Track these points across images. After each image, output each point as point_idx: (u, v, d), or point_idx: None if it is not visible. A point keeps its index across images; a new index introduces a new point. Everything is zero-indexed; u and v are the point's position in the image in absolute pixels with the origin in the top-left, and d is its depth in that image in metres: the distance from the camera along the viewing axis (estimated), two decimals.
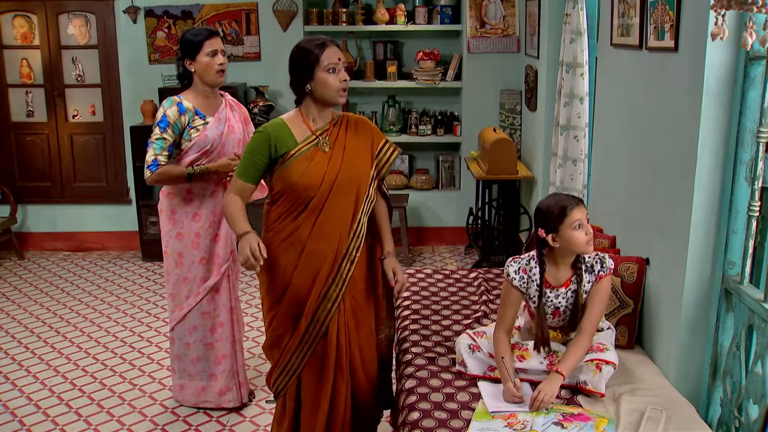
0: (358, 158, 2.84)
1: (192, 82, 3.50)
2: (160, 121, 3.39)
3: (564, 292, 2.69)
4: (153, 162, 3.39)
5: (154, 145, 3.39)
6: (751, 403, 2.41)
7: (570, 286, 2.68)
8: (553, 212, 2.60)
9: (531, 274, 2.70)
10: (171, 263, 3.62)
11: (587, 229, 2.59)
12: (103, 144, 6.41)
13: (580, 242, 2.58)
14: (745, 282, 2.51)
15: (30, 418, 3.71)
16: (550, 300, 2.69)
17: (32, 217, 6.52)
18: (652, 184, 2.98)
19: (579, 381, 2.61)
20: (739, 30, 2.40)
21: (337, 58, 2.74)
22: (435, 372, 2.82)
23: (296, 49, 2.78)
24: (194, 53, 3.41)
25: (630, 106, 3.28)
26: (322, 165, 2.77)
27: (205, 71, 3.42)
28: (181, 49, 3.45)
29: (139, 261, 6.19)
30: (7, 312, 5.12)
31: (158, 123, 3.40)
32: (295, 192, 2.77)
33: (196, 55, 3.41)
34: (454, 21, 6.25)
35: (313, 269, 2.80)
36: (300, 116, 2.84)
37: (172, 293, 3.65)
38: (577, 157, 4.27)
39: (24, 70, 6.32)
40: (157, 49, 6.22)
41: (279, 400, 3.05)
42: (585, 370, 2.59)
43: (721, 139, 2.52)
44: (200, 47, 3.39)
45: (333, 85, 2.73)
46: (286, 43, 6.17)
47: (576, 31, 4.16)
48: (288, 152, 2.76)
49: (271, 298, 2.90)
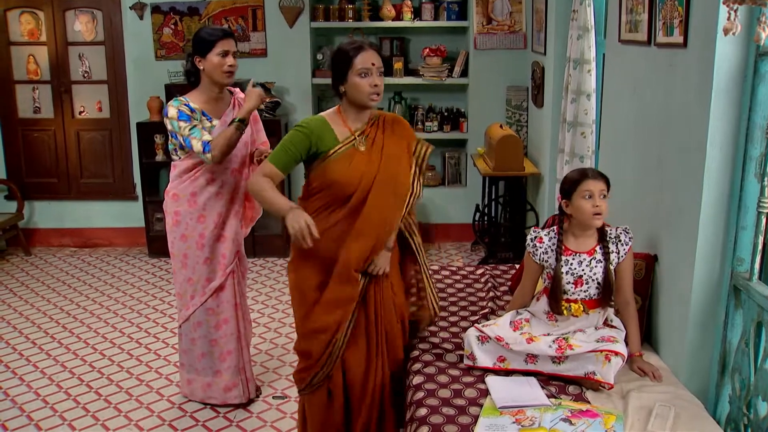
0: (395, 157, 2.89)
1: (199, 81, 3.49)
2: (179, 117, 3.38)
3: (588, 260, 2.73)
4: (205, 145, 3.34)
5: (193, 133, 3.36)
6: (760, 400, 2.41)
7: (594, 255, 2.73)
8: (571, 178, 2.73)
9: (549, 242, 2.79)
10: (177, 264, 3.62)
11: (596, 202, 2.65)
12: (109, 140, 6.42)
13: (586, 211, 2.67)
14: (755, 279, 2.50)
15: (38, 413, 3.72)
16: (571, 266, 2.73)
17: (39, 213, 6.54)
18: (661, 180, 2.97)
19: (587, 372, 2.60)
20: (749, 25, 2.39)
21: (371, 63, 2.79)
22: (443, 368, 2.82)
23: (335, 51, 2.88)
24: (205, 51, 3.40)
25: (638, 103, 3.27)
26: (361, 164, 2.83)
27: (213, 70, 3.42)
28: (192, 46, 3.45)
29: (146, 257, 6.20)
30: (14, 308, 5.13)
31: (179, 119, 3.38)
32: (334, 189, 2.83)
33: (207, 53, 3.40)
34: (461, 17, 6.24)
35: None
36: (339, 115, 2.90)
37: (179, 293, 3.66)
38: (584, 154, 4.26)
39: (31, 67, 6.33)
40: (164, 46, 6.22)
41: (306, 397, 3.05)
42: (594, 360, 2.59)
43: (730, 136, 2.51)
44: (212, 46, 3.39)
45: (364, 89, 2.79)
46: (293, 39, 6.19)
47: (583, 28, 4.15)
48: (329, 150, 2.82)
49: (306, 290, 2.94)
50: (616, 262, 2.77)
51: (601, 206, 2.68)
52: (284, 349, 4.40)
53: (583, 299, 2.76)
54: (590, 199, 2.66)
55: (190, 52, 3.46)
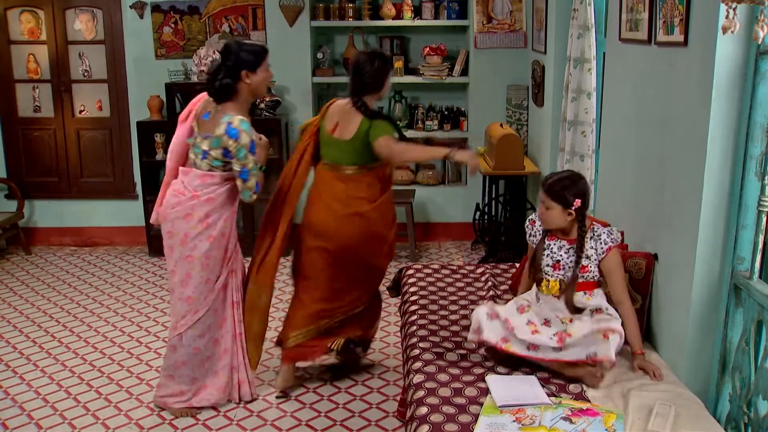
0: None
1: (235, 94, 3.49)
2: (251, 149, 3.41)
3: (567, 247, 2.91)
4: (258, 186, 3.50)
5: (254, 171, 3.45)
6: (761, 399, 2.41)
7: (573, 245, 2.90)
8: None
9: (539, 225, 3.02)
10: (196, 266, 3.52)
11: (541, 209, 2.92)
12: (109, 139, 6.42)
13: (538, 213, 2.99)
14: (755, 277, 2.50)
15: (38, 412, 3.72)
16: (551, 250, 2.94)
17: (39, 212, 6.54)
18: (661, 179, 2.97)
19: (589, 354, 2.64)
20: (749, 24, 2.39)
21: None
22: (443, 367, 2.82)
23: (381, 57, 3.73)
24: (255, 66, 3.48)
25: (638, 102, 3.27)
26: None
27: (260, 84, 3.55)
28: (239, 61, 3.45)
29: (146, 256, 6.20)
30: (15, 306, 5.13)
31: (251, 150, 3.41)
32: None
33: (257, 68, 3.48)
34: (461, 16, 6.24)
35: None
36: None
37: (191, 297, 3.54)
38: (584, 153, 4.26)
39: (31, 66, 6.33)
40: (164, 45, 6.22)
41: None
42: (593, 341, 2.64)
43: (730, 134, 2.51)
44: (262, 61, 3.51)
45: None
46: (293, 38, 6.18)
47: (584, 27, 4.15)
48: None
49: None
50: (595, 258, 2.86)
51: (542, 214, 2.93)
52: None
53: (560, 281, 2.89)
54: (541, 204, 2.92)
55: (233, 66, 3.45)
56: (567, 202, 2.84)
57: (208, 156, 3.46)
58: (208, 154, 3.46)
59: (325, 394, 3.86)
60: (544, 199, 2.90)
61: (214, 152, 3.44)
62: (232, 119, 3.39)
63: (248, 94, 3.53)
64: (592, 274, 2.87)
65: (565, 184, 2.86)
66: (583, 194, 2.87)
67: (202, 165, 3.50)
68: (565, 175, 2.95)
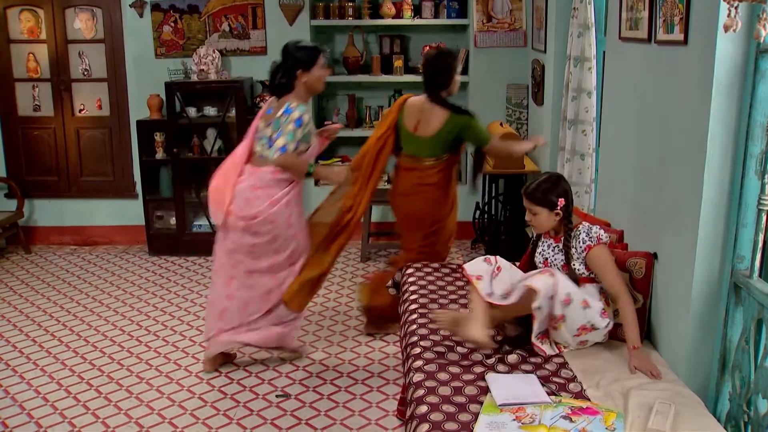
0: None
1: (293, 90, 3.84)
2: (297, 120, 3.76)
3: (554, 246, 3.02)
4: (282, 147, 3.77)
5: (288, 135, 3.76)
6: (760, 397, 2.41)
7: (559, 244, 3.01)
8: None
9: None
10: (299, 240, 3.98)
11: (528, 216, 3.01)
12: (109, 138, 6.41)
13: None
14: (755, 276, 2.50)
15: (38, 411, 3.73)
16: (543, 248, 3.07)
17: (39, 211, 6.54)
18: (661, 178, 2.97)
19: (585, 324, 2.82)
20: (749, 23, 2.39)
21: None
22: (443, 365, 2.82)
23: (448, 54, 4.10)
24: (311, 64, 3.83)
25: (638, 100, 3.26)
26: None
27: (316, 82, 3.89)
28: (296, 60, 3.82)
29: (146, 255, 6.20)
30: (15, 306, 5.14)
31: (295, 121, 3.75)
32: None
33: (312, 67, 3.83)
34: (461, 15, 6.24)
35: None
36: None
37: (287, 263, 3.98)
38: (585, 152, 4.27)
39: (31, 65, 6.32)
40: (164, 44, 6.22)
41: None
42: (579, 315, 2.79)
43: (730, 133, 2.51)
44: (317, 59, 3.85)
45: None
46: (292, 37, 6.11)
47: (584, 25, 4.15)
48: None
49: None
50: (577, 257, 2.93)
51: (530, 220, 3.02)
52: None
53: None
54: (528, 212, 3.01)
55: (289, 66, 3.82)
56: (551, 204, 2.93)
57: (273, 141, 3.81)
58: (272, 139, 3.81)
59: (325, 393, 3.86)
60: (529, 207, 2.98)
61: (275, 136, 3.80)
62: (292, 103, 3.80)
63: (305, 90, 3.88)
64: (580, 271, 2.94)
65: (546, 188, 2.95)
66: (565, 193, 2.95)
67: (269, 154, 3.81)
68: (543, 178, 3.01)
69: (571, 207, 2.99)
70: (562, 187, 2.97)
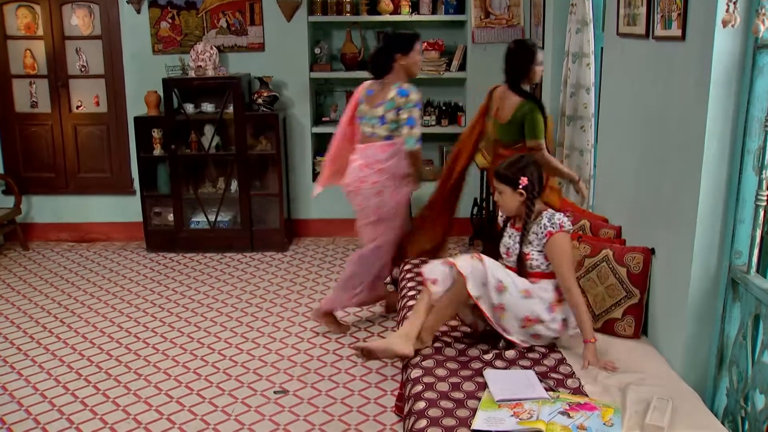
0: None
1: (392, 71, 4.18)
2: (417, 103, 4.13)
3: (515, 235, 3.05)
4: (420, 137, 4.15)
5: (418, 122, 4.14)
6: (758, 393, 2.41)
7: (520, 231, 3.02)
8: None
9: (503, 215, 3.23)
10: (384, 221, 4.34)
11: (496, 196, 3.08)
12: (107, 135, 6.40)
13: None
14: (752, 272, 2.50)
15: (36, 407, 3.72)
16: (506, 237, 3.12)
17: (37, 207, 6.53)
18: (659, 173, 2.97)
19: (530, 315, 2.90)
20: (747, 18, 2.39)
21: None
22: (441, 362, 2.82)
23: (523, 45, 4.10)
24: (409, 49, 4.14)
25: (637, 96, 3.26)
26: None
27: (412, 65, 4.20)
28: (393, 44, 4.16)
29: (144, 251, 6.19)
30: (12, 302, 5.13)
31: (416, 104, 4.12)
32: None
33: (409, 51, 4.14)
34: (459, 11, 6.23)
35: None
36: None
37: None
38: (583, 148, 4.27)
39: (28, 61, 6.31)
40: (161, 40, 6.20)
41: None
42: (521, 305, 2.87)
43: (728, 129, 2.52)
44: (413, 45, 4.15)
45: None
46: (290, 33, 6.17)
47: (582, 21, 4.15)
48: None
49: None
50: (537, 243, 2.94)
51: (498, 200, 3.07)
52: (282, 343, 4.40)
53: (511, 267, 3.02)
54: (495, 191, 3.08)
55: (390, 50, 4.16)
56: (513, 182, 2.95)
57: (386, 120, 4.15)
58: (385, 118, 4.15)
59: (323, 390, 3.86)
60: (495, 185, 3.04)
61: (390, 114, 4.13)
62: (401, 83, 4.14)
63: (403, 72, 4.20)
64: (537, 262, 2.94)
65: (511, 166, 2.99)
66: (530, 174, 2.96)
67: (381, 131, 4.19)
68: (513, 159, 3.05)
69: (536, 191, 2.98)
70: (529, 169, 2.98)
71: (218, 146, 6.13)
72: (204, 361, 4.19)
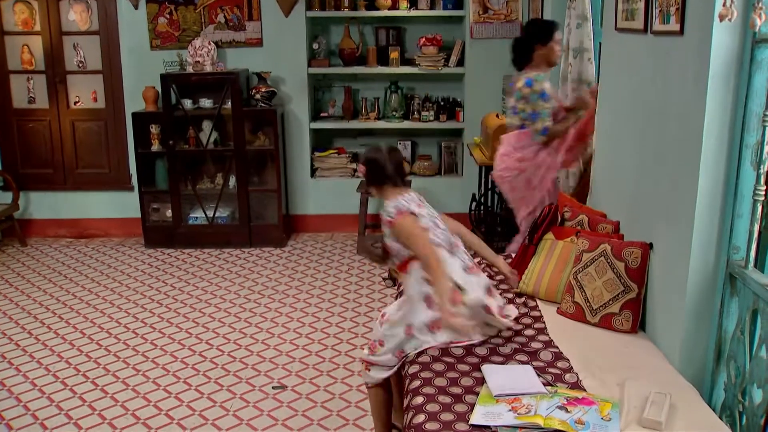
0: None
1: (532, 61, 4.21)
2: (542, 93, 4.10)
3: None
4: (544, 129, 4.13)
5: (543, 114, 4.12)
6: (755, 387, 2.41)
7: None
8: None
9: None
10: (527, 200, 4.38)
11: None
12: (105, 130, 6.40)
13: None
14: (750, 266, 2.50)
15: (34, 403, 3.72)
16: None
17: (35, 203, 6.52)
18: (657, 168, 2.97)
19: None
20: (745, 12, 2.38)
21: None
22: (438, 357, 2.82)
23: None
24: (548, 39, 4.16)
25: (635, 91, 3.26)
26: None
27: (550, 54, 4.19)
28: (534, 34, 4.21)
29: (142, 247, 6.19)
30: (11, 298, 5.13)
31: (541, 96, 4.10)
32: None
33: (548, 42, 4.15)
34: (457, 6, 6.22)
35: None
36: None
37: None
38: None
39: (25, 57, 6.30)
40: (159, 35, 6.19)
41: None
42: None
43: (726, 123, 2.51)
44: (552, 35, 4.16)
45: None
46: (288, 28, 6.16)
47: (582, 16, 4.15)
48: None
49: None
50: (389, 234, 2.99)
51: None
52: (280, 338, 4.40)
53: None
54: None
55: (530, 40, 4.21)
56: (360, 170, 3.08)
57: (517, 110, 4.21)
58: (516, 108, 4.22)
59: (321, 385, 3.86)
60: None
61: (520, 104, 4.19)
62: (530, 74, 4.17)
63: (542, 62, 4.21)
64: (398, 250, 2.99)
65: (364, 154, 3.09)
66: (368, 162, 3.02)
67: (515, 121, 4.26)
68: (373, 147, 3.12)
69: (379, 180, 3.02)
70: (371, 156, 3.04)
71: (216, 142, 6.13)
72: (202, 356, 4.20)
